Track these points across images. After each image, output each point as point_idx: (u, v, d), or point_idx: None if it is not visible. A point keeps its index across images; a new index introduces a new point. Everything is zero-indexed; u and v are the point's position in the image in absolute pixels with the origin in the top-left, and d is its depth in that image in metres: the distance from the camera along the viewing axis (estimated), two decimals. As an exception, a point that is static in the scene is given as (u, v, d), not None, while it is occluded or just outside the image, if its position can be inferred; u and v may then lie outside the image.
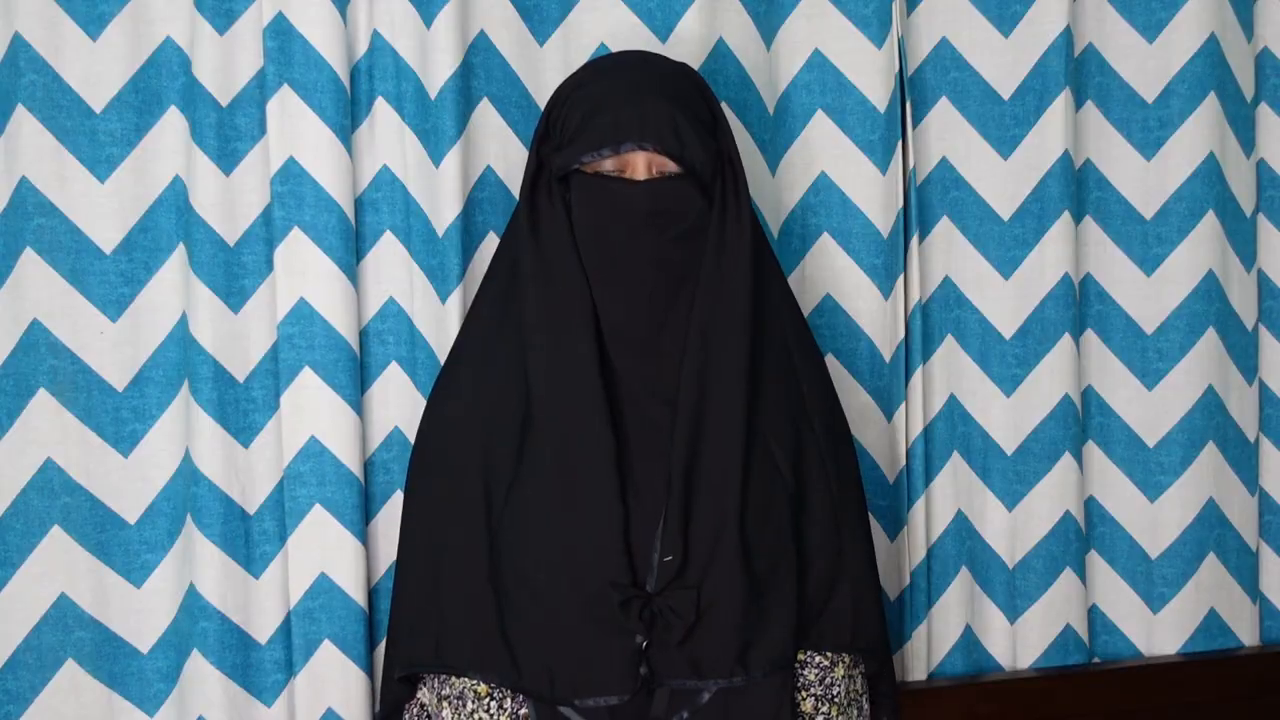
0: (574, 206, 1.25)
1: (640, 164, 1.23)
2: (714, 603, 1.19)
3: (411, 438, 1.46)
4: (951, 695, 1.62)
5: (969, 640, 1.67)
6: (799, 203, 1.58)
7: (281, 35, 1.40)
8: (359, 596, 1.45)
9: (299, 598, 1.44)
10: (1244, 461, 1.71)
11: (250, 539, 1.45)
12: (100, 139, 1.42)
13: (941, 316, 1.66)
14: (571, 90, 1.28)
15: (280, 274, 1.42)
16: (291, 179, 1.41)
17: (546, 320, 1.22)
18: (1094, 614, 1.71)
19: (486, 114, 1.48)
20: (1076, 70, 1.64)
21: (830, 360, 1.59)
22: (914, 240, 1.61)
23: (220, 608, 1.42)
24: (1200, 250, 1.65)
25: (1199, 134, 1.64)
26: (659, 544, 1.19)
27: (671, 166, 1.23)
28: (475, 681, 1.22)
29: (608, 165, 1.23)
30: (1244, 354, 1.71)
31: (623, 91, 1.24)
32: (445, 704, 1.23)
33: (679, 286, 1.24)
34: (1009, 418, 1.65)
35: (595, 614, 1.18)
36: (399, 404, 1.49)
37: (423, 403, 1.45)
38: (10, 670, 1.41)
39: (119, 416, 1.44)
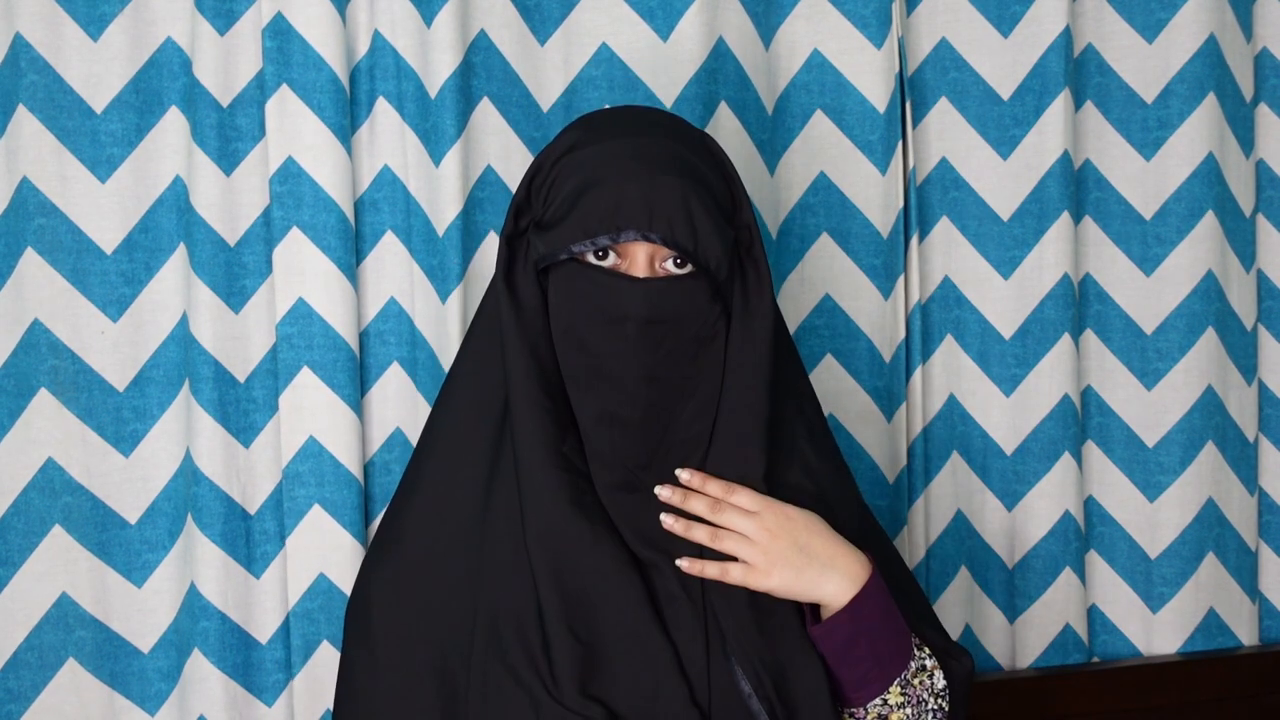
0: (551, 300, 1.08)
1: (641, 257, 1.05)
2: None
3: (413, 439, 1.46)
4: (951, 695, 1.62)
5: (969, 640, 1.67)
6: (798, 203, 1.58)
7: (280, 35, 1.41)
8: (359, 597, 1.45)
9: (298, 598, 1.44)
10: (1243, 461, 1.71)
11: (251, 539, 1.45)
12: (101, 139, 1.42)
13: (941, 316, 1.66)
14: (562, 153, 1.08)
15: (279, 274, 1.42)
16: (290, 179, 1.42)
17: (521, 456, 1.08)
18: (1093, 614, 1.71)
19: (487, 113, 1.48)
20: (1076, 70, 1.64)
21: (829, 360, 1.59)
22: (914, 240, 1.61)
23: (221, 607, 1.42)
24: (1199, 250, 1.65)
25: (1198, 134, 1.64)
26: None
27: (677, 260, 1.05)
28: None
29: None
30: (1243, 354, 1.71)
31: (627, 163, 1.04)
32: None
33: (677, 403, 1.08)
34: (1008, 418, 1.65)
35: None
36: (400, 404, 1.49)
37: (424, 405, 1.45)
38: (11, 669, 1.41)
39: (120, 416, 1.44)
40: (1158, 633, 1.69)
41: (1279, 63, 1.72)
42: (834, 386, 1.59)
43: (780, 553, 1.08)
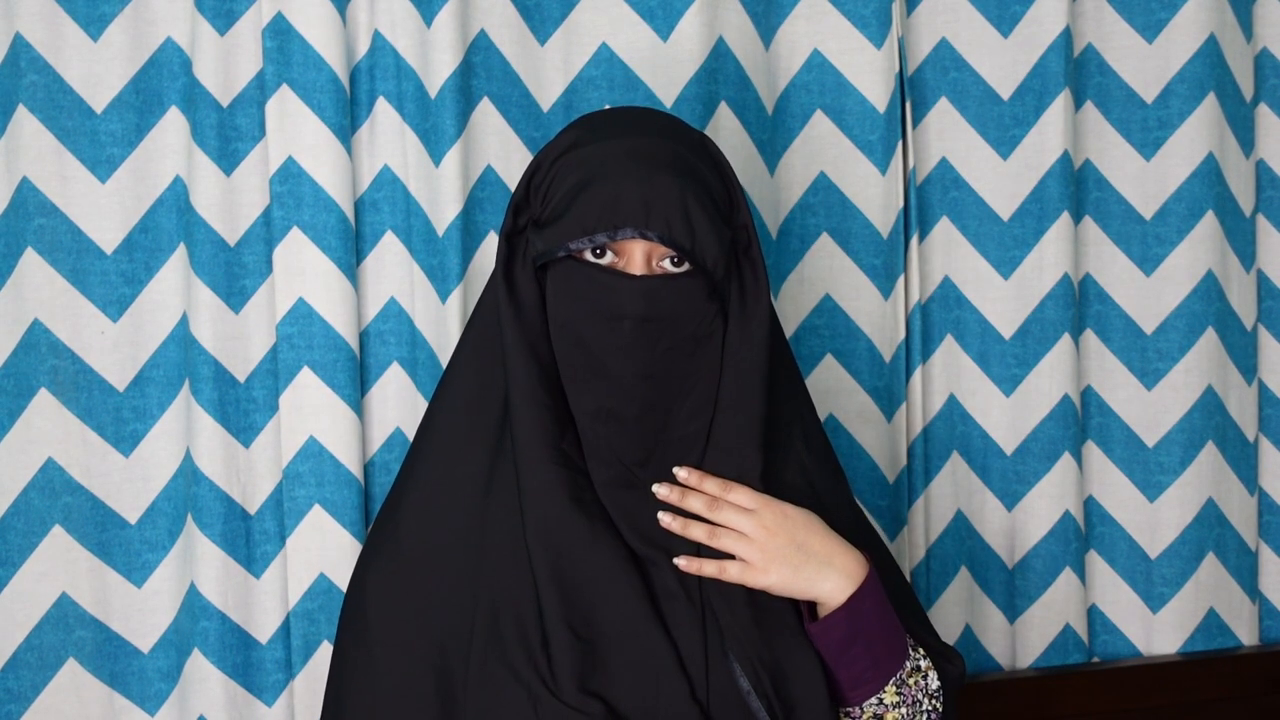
0: (549, 296, 1.09)
1: (638, 255, 1.06)
2: None
3: (412, 437, 1.46)
4: (951, 695, 1.62)
5: (969, 640, 1.67)
6: (798, 203, 1.58)
7: (281, 35, 1.41)
8: (359, 596, 1.45)
9: (298, 598, 1.44)
10: (1243, 461, 1.71)
11: (251, 539, 1.45)
12: (101, 139, 1.42)
13: (941, 316, 1.66)
14: (561, 152, 1.08)
15: (279, 274, 1.42)
16: (290, 179, 1.42)
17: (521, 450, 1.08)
18: (1093, 614, 1.71)
19: (487, 113, 1.48)
20: (1076, 70, 1.64)
21: (830, 360, 1.59)
22: (914, 240, 1.61)
23: (221, 607, 1.42)
24: (1199, 250, 1.65)
25: (1198, 134, 1.64)
26: None
27: (674, 259, 1.06)
28: None
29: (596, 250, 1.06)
30: (1243, 354, 1.71)
31: (625, 162, 1.05)
32: None
33: (674, 401, 1.09)
34: (1008, 418, 1.65)
35: None
36: (400, 404, 1.49)
37: (424, 405, 1.45)
38: (11, 669, 1.41)
39: (120, 416, 1.44)
40: (1158, 633, 1.69)
41: (1279, 63, 1.72)
42: (834, 386, 1.59)
43: (778, 550, 1.08)
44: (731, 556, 1.09)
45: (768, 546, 1.08)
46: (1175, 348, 1.67)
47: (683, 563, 1.08)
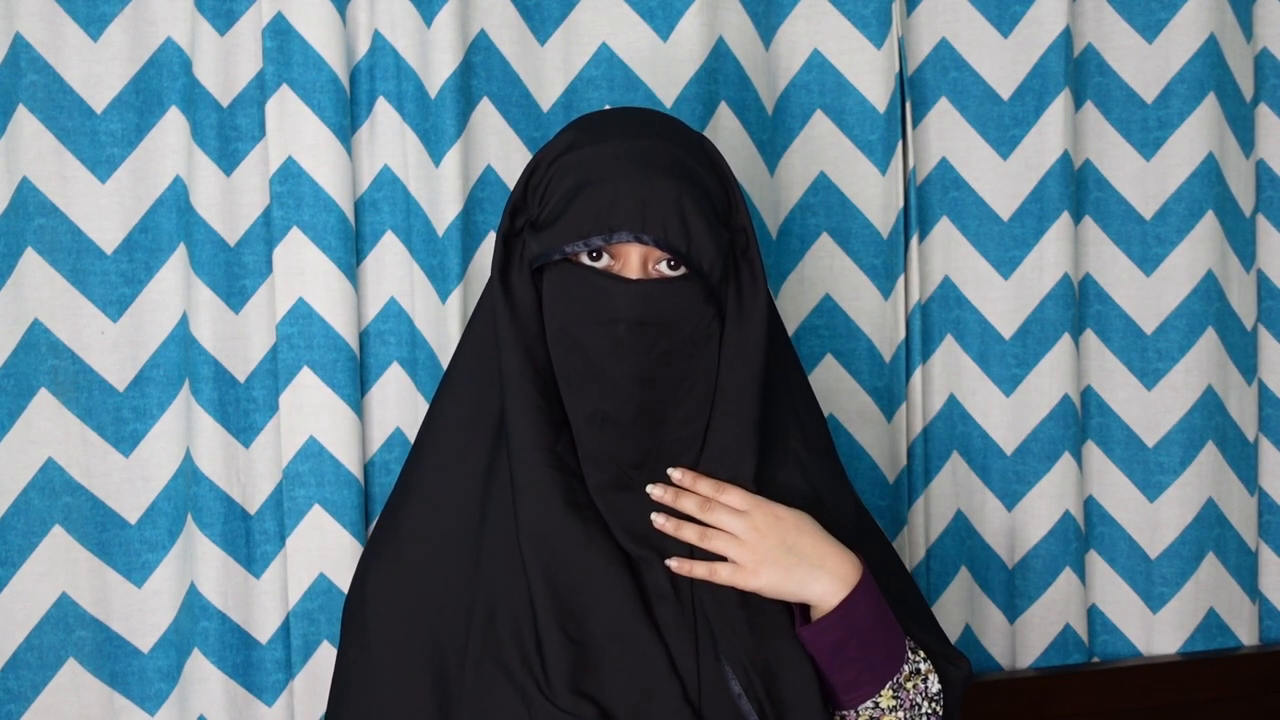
0: (545, 299, 1.08)
1: (634, 258, 1.05)
2: None
3: (412, 437, 1.46)
4: (951, 695, 1.62)
5: (969, 640, 1.67)
6: (798, 203, 1.58)
7: (280, 35, 1.41)
8: (359, 596, 1.45)
9: (298, 598, 1.44)
10: (1243, 461, 1.71)
11: (251, 539, 1.45)
12: (101, 139, 1.42)
13: (941, 316, 1.66)
14: (558, 153, 1.08)
15: (279, 274, 1.42)
16: (290, 179, 1.42)
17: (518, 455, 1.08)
18: (1093, 614, 1.71)
19: (487, 113, 1.48)
20: (1076, 70, 1.64)
21: (829, 360, 1.59)
22: (914, 240, 1.61)
23: (221, 607, 1.42)
24: (1199, 250, 1.65)
25: (1198, 134, 1.64)
26: None
27: (670, 262, 1.06)
28: None
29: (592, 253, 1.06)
30: (1243, 354, 1.71)
31: (622, 164, 1.04)
32: None
33: (670, 404, 1.08)
34: (1008, 418, 1.65)
35: None
36: (400, 404, 1.49)
37: (424, 405, 1.45)
38: (11, 669, 1.41)
39: (120, 416, 1.44)
40: (1158, 633, 1.69)
41: (1279, 63, 1.72)
42: (834, 386, 1.59)
43: (768, 552, 1.08)
44: (724, 558, 1.09)
45: (758, 549, 1.08)
46: (1175, 348, 1.67)
47: (674, 564, 1.08)
